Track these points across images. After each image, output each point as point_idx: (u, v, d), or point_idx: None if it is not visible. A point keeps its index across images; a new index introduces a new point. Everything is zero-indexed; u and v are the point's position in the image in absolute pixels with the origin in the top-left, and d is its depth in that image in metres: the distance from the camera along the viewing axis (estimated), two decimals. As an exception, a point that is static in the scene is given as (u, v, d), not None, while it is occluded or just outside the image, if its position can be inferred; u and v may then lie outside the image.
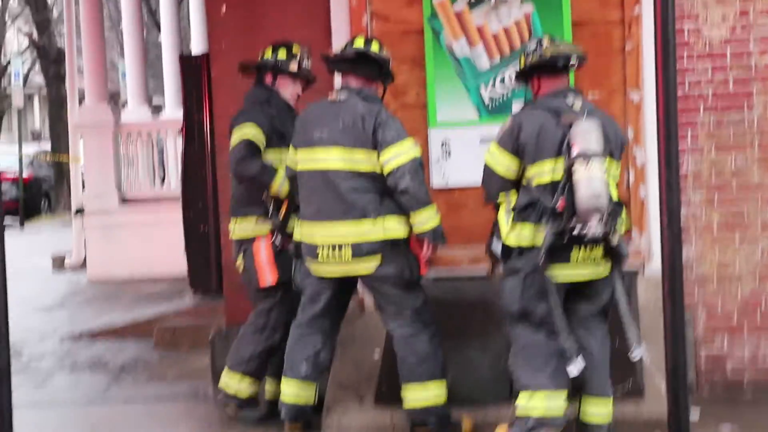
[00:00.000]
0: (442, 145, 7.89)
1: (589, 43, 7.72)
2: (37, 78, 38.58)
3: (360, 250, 6.60)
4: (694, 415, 6.61)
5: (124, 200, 14.66)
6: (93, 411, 8.07)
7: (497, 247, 6.36)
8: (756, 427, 6.87)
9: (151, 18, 28.93)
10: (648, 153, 7.59)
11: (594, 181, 5.95)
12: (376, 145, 6.61)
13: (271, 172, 7.02)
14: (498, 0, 7.80)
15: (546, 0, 7.76)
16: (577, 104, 6.29)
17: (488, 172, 6.38)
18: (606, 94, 7.77)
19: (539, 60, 6.34)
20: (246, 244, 7.21)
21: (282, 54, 7.25)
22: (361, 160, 6.64)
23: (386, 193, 6.63)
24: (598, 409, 6.36)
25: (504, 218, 6.32)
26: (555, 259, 6.07)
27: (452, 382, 6.92)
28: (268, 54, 7.28)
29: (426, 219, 6.60)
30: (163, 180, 15.33)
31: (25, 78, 30.21)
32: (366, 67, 6.83)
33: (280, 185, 7.00)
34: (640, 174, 7.67)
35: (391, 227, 6.60)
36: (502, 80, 7.81)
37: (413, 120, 7.87)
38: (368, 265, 6.62)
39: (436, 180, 7.88)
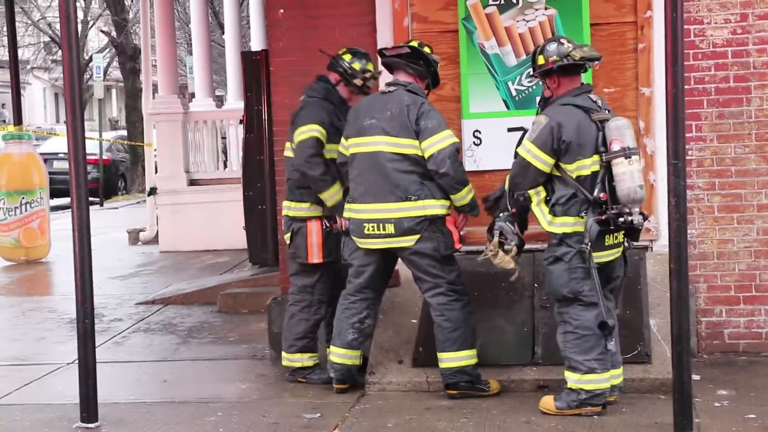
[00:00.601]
0: (474, 133, 7.88)
1: (605, 42, 7.70)
2: (116, 72, 38.73)
3: (402, 226, 6.67)
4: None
5: (191, 181, 14.74)
6: (164, 367, 8.15)
7: (506, 227, 6.43)
8: (749, 387, 6.85)
9: (214, 19, 28.99)
10: (657, 142, 7.56)
11: (636, 174, 6.04)
12: (418, 132, 6.70)
13: (329, 182, 7.08)
14: (524, 3, 7.77)
15: (567, 4, 7.72)
16: (600, 102, 6.33)
17: (525, 166, 6.29)
18: (620, 89, 7.74)
19: (569, 62, 6.30)
20: (298, 223, 7.24)
21: (356, 65, 7.22)
22: (405, 145, 6.72)
23: (426, 175, 6.70)
24: (616, 373, 6.39)
25: (539, 210, 6.34)
26: (594, 243, 6.13)
27: (481, 346, 6.94)
28: (347, 57, 7.24)
29: (464, 195, 6.75)
30: (225, 164, 15.40)
31: (105, 72, 30.33)
32: (417, 64, 6.92)
33: (331, 195, 7.06)
34: (650, 161, 7.64)
35: (430, 205, 6.67)
36: (528, 76, 7.79)
37: (448, 111, 7.85)
38: (409, 239, 6.68)
39: (468, 165, 7.85)
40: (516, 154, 6.45)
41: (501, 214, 6.53)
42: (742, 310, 7.62)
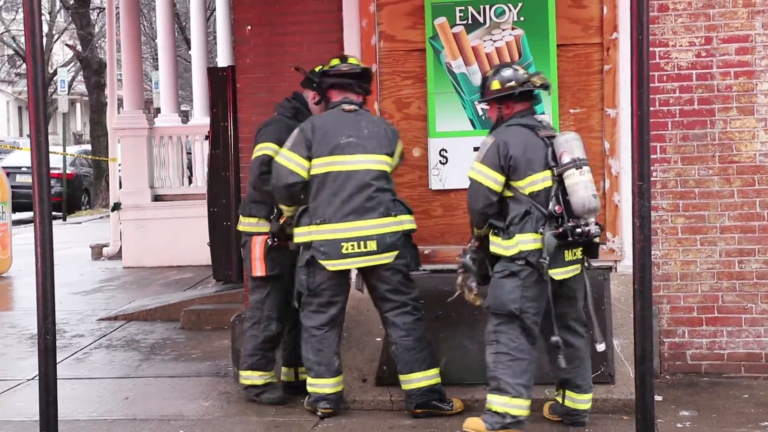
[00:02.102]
0: (440, 152, 7.90)
1: (571, 63, 7.76)
2: (80, 86, 38.59)
3: (384, 242, 6.69)
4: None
5: (156, 197, 14.68)
6: (126, 384, 8.08)
7: (467, 263, 6.45)
8: (711, 408, 6.89)
9: (181, 34, 28.92)
10: (622, 163, 7.60)
11: (588, 184, 6.10)
12: (392, 151, 6.87)
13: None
14: (492, 23, 7.81)
15: (534, 24, 7.76)
16: (544, 122, 6.45)
17: (476, 187, 6.28)
18: (586, 110, 7.78)
19: (528, 87, 6.38)
20: (245, 237, 7.25)
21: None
22: (385, 162, 6.82)
23: (394, 192, 6.85)
24: (585, 398, 6.44)
25: (495, 239, 6.30)
26: (552, 259, 6.12)
27: (445, 365, 6.94)
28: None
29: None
30: (190, 179, 15.35)
31: (70, 86, 30.17)
32: (365, 84, 7.01)
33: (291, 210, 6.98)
34: (615, 182, 7.68)
35: (406, 221, 6.79)
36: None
37: (415, 130, 7.91)
38: (390, 255, 6.71)
39: (435, 183, 7.89)
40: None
41: (465, 249, 6.54)
42: (705, 332, 7.66)
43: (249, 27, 8.15)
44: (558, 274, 6.18)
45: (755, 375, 7.58)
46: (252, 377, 7.26)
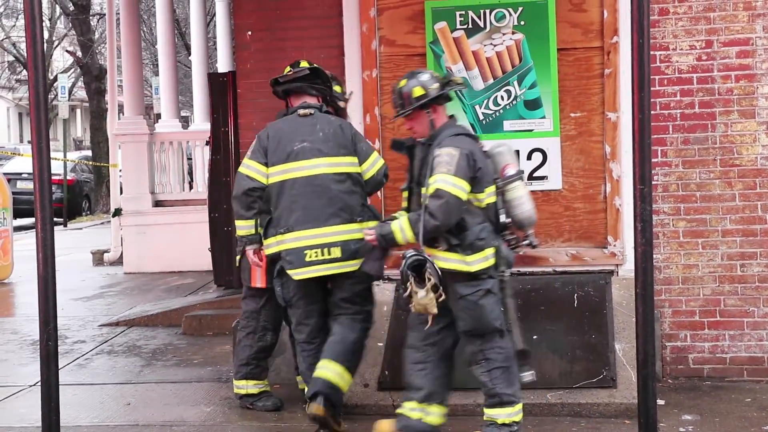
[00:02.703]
0: (441, 157, 7.88)
1: (571, 67, 7.77)
2: (81, 92, 38.62)
3: (349, 249, 6.54)
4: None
5: (156, 202, 14.68)
6: (128, 390, 8.07)
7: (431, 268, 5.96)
8: (714, 412, 6.88)
9: (181, 40, 28.95)
10: (623, 167, 7.60)
11: (529, 196, 6.05)
12: (355, 151, 6.68)
13: None
14: (492, 27, 7.81)
15: (535, 28, 7.77)
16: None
17: (453, 202, 5.84)
18: (586, 114, 7.79)
19: (453, 87, 6.17)
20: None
21: (337, 89, 7.14)
22: (345, 164, 6.65)
23: (365, 196, 6.71)
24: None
25: (452, 253, 5.95)
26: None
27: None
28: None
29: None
30: (191, 185, 15.35)
31: (70, 92, 30.17)
32: (318, 84, 6.86)
33: None
34: (616, 186, 7.68)
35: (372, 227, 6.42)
36: (495, 100, 7.82)
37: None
38: (355, 263, 6.51)
39: (435, 188, 7.88)
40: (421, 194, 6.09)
41: (413, 252, 5.99)
42: (707, 335, 7.66)
43: (249, 32, 8.15)
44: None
45: (758, 379, 7.57)
46: (247, 386, 7.23)
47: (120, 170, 15.82)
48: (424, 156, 6.08)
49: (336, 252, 6.54)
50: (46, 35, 33.80)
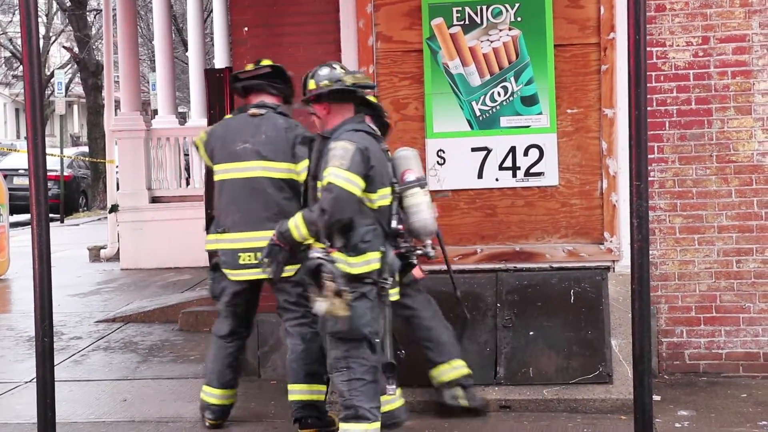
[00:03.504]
0: (438, 153, 7.90)
1: (568, 63, 7.76)
2: (77, 88, 38.59)
3: None
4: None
5: (153, 198, 14.66)
6: (124, 386, 8.08)
7: (335, 269, 5.67)
8: (710, 408, 6.89)
9: (178, 35, 28.92)
10: (620, 163, 7.60)
11: (430, 205, 5.80)
12: (295, 156, 6.49)
13: None
14: (489, 23, 7.81)
15: (531, 24, 7.76)
16: (376, 130, 6.04)
17: (345, 196, 5.64)
18: (583, 110, 7.78)
19: (340, 86, 5.91)
20: None
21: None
22: (282, 169, 6.50)
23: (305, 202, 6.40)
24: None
25: (340, 255, 5.70)
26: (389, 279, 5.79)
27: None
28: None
29: None
30: (188, 181, 15.34)
31: (67, 88, 30.14)
32: (279, 84, 6.76)
33: None
34: (613, 182, 7.68)
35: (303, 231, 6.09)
36: (492, 96, 7.81)
37: (412, 131, 7.90)
38: (289, 269, 6.29)
39: (432, 184, 7.86)
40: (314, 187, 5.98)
41: (315, 254, 5.72)
42: (703, 331, 7.67)
43: (246, 28, 8.14)
44: (394, 294, 5.91)
45: (753, 374, 7.58)
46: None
47: (117, 166, 15.81)
48: (321, 149, 5.91)
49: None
50: (42, 31, 33.76)
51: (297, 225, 5.90)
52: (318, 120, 6.05)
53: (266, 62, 6.84)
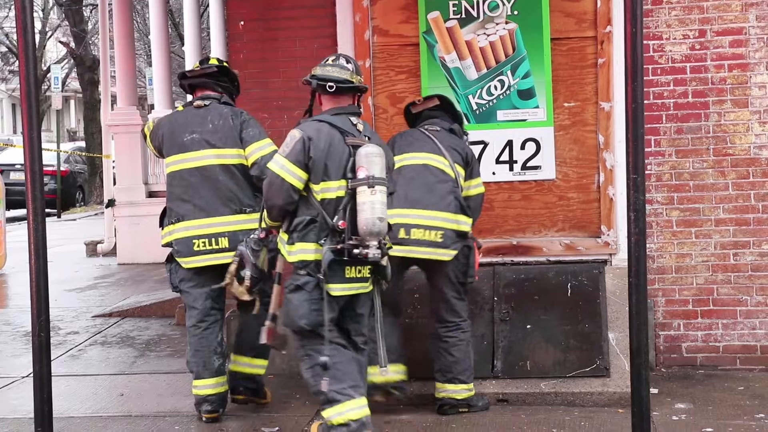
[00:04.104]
0: (434, 147, 7.88)
1: (565, 57, 7.76)
2: (74, 83, 38.60)
3: (237, 240, 6.49)
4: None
5: (150, 193, 14.65)
6: (121, 381, 8.07)
7: (246, 253, 6.03)
8: (707, 401, 6.89)
9: (174, 30, 28.88)
10: (617, 157, 7.60)
11: (377, 205, 5.66)
12: (242, 141, 6.65)
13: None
14: (485, 17, 7.80)
15: (528, 18, 7.75)
16: (360, 126, 5.96)
17: (278, 183, 5.79)
18: (580, 104, 7.78)
19: (306, 79, 6.01)
20: None
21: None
22: (233, 155, 6.65)
23: (258, 187, 6.42)
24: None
25: (280, 240, 5.93)
26: (332, 274, 5.71)
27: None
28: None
29: None
30: (185, 175, 15.29)
31: (63, 83, 30.14)
32: (225, 82, 6.89)
33: None
34: (610, 176, 7.68)
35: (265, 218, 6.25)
36: (488, 90, 7.81)
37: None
38: None
39: (428, 178, 7.87)
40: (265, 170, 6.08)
41: (247, 238, 6.18)
42: (700, 324, 7.67)
43: (242, 23, 8.13)
44: (336, 290, 5.76)
45: (750, 367, 7.59)
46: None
47: (113, 161, 15.79)
48: None
49: (223, 242, 6.59)
50: (39, 26, 33.73)
51: (263, 214, 6.11)
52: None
53: (213, 61, 6.98)
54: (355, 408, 5.76)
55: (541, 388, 6.89)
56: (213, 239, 6.59)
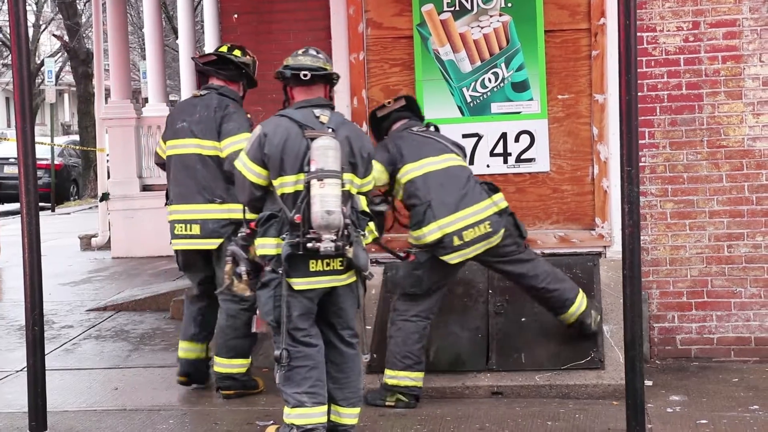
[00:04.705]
0: (428, 140, 7.88)
1: (559, 49, 7.76)
2: (68, 76, 38.46)
3: (207, 228, 6.85)
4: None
5: (144, 187, 14.61)
6: (116, 374, 8.06)
7: (237, 251, 5.97)
8: (701, 393, 6.90)
9: (168, 23, 28.82)
10: (611, 149, 7.60)
11: (328, 199, 5.61)
12: (220, 134, 6.86)
13: None
14: (479, 9, 7.79)
15: (522, 10, 7.75)
16: (324, 117, 5.88)
17: (240, 180, 5.91)
18: (574, 96, 7.78)
19: (281, 71, 6.01)
20: None
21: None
22: (209, 147, 6.90)
23: (232, 180, 6.40)
24: (349, 412, 5.99)
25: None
26: (295, 269, 5.70)
27: (435, 352, 6.94)
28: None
29: None
30: (179, 169, 15.27)
31: (57, 76, 30.02)
32: (227, 69, 7.07)
33: None
34: (604, 168, 7.68)
35: (236, 209, 6.48)
36: (482, 82, 7.80)
37: (402, 117, 7.88)
38: (212, 242, 6.88)
39: (422, 171, 7.87)
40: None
41: (235, 237, 6.13)
42: (694, 316, 7.67)
43: (236, 15, 8.13)
44: (299, 284, 5.74)
45: (745, 359, 7.59)
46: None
47: (107, 154, 15.76)
48: None
49: (195, 229, 6.95)
50: (32, 19, 33.64)
51: None
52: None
53: (222, 49, 7.20)
54: (303, 415, 5.73)
55: (536, 381, 6.89)
56: (187, 225, 6.94)
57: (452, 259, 6.59)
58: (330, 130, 5.81)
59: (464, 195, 6.69)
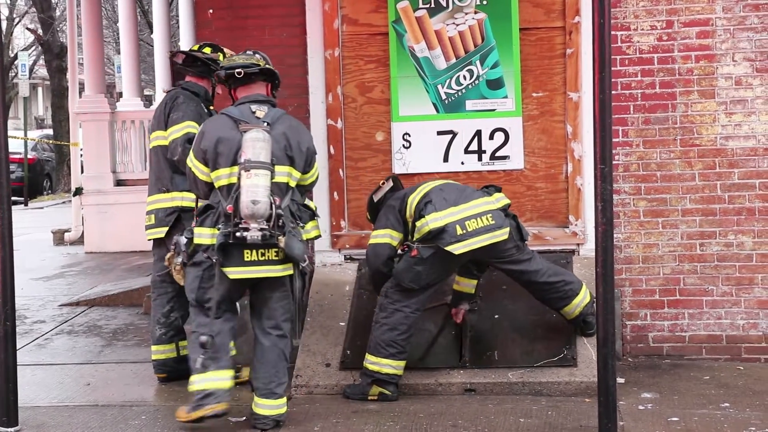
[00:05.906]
0: (404, 136, 7.88)
1: (534, 47, 7.77)
2: (41, 70, 38.25)
3: (158, 216, 7.10)
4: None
5: (118, 182, 14.57)
6: (88, 370, 8.01)
7: (182, 241, 6.22)
8: (673, 390, 6.93)
9: (143, 17, 28.69)
10: (584, 147, 7.62)
11: (253, 188, 5.81)
12: (166, 125, 7.12)
13: None
14: (454, 7, 7.79)
15: (497, 8, 7.75)
16: (261, 112, 6.12)
17: (191, 176, 6.27)
18: (548, 94, 7.79)
19: (219, 70, 6.41)
20: None
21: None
22: (159, 138, 7.18)
23: (179, 169, 6.94)
24: (265, 403, 6.21)
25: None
26: (229, 257, 5.97)
27: (411, 349, 6.93)
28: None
29: None
30: (153, 164, 15.21)
31: (31, 70, 29.88)
32: (194, 66, 7.26)
33: None
34: (578, 166, 7.70)
35: (180, 197, 7.10)
36: (457, 80, 7.80)
37: (378, 114, 7.90)
38: (161, 230, 7.12)
39: (398, 167, 7.87)
40: None
41: (186, 229, 6.37)
42: (666, 314, 7.70)
43: (211, 11, 8.09)
44: (233, 273, 6.03)
45: (716, 357, 7.63)
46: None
47: (81, 149, 15.68)
48: None
49: (151, 219, 7.23)
50: (6, 12, 33.42)
51: None
52: None
53: (194, 47, 7.43)
54: (205, 380, 6.07)
55: (509, 378, 6.89)
56: (149, 216, 7.23)
57: (457, 249, 6.56)
58: (265, 124, 6.05)
59: (463, 192, 6.80)
